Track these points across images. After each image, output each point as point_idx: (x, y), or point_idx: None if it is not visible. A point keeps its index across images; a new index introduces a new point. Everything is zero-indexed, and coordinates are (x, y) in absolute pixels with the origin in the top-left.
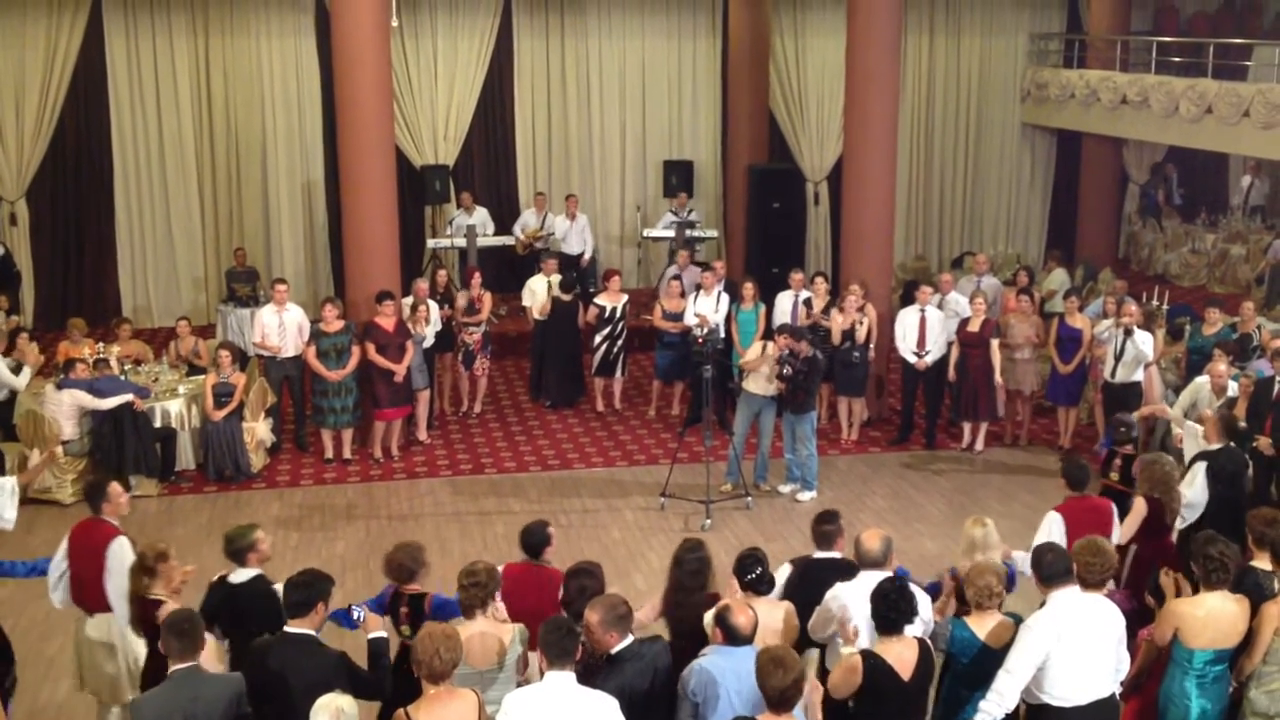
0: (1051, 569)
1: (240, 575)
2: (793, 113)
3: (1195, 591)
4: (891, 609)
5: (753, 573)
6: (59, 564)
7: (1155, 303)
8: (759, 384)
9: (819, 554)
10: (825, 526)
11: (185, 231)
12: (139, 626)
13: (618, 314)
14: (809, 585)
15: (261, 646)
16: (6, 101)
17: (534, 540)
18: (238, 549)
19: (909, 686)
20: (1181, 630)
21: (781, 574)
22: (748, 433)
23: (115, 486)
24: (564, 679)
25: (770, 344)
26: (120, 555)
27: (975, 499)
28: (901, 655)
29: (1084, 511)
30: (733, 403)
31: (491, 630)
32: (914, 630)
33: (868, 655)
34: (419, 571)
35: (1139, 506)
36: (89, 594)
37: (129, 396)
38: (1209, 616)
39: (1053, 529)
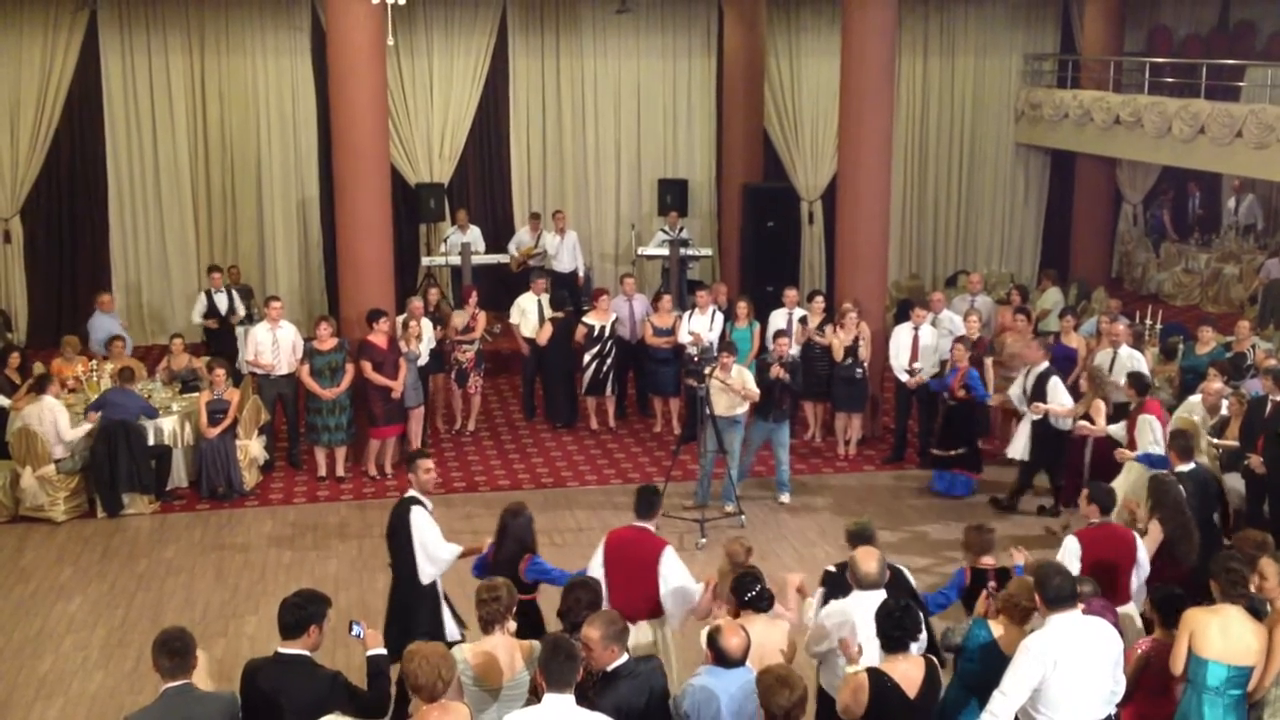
0: (1058, 592)
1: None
2: (787, 132)
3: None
4: (896, 627)
5: (751, 591)
6: (594, 574)
7: (1149, 321)
8: (722, 405)
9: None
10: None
11: (179, 249)
12: None
13: (607, 333)
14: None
15: (253, 668)
16: (2, 119)
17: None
18: (869, 535)
19: (916, 704)
20: (1195, 637)
21: None
22: (741, 452)
23: (659, 497)
24: (563, 701)
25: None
26: (674, 564)
27: (969, 516)
28: (908, 673)
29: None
30: None
31: (509, 648)
32: (918, 647)
33: (875, 674)
34: (996, 546)
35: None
36: (633, 603)
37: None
38: (1223, 624)
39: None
